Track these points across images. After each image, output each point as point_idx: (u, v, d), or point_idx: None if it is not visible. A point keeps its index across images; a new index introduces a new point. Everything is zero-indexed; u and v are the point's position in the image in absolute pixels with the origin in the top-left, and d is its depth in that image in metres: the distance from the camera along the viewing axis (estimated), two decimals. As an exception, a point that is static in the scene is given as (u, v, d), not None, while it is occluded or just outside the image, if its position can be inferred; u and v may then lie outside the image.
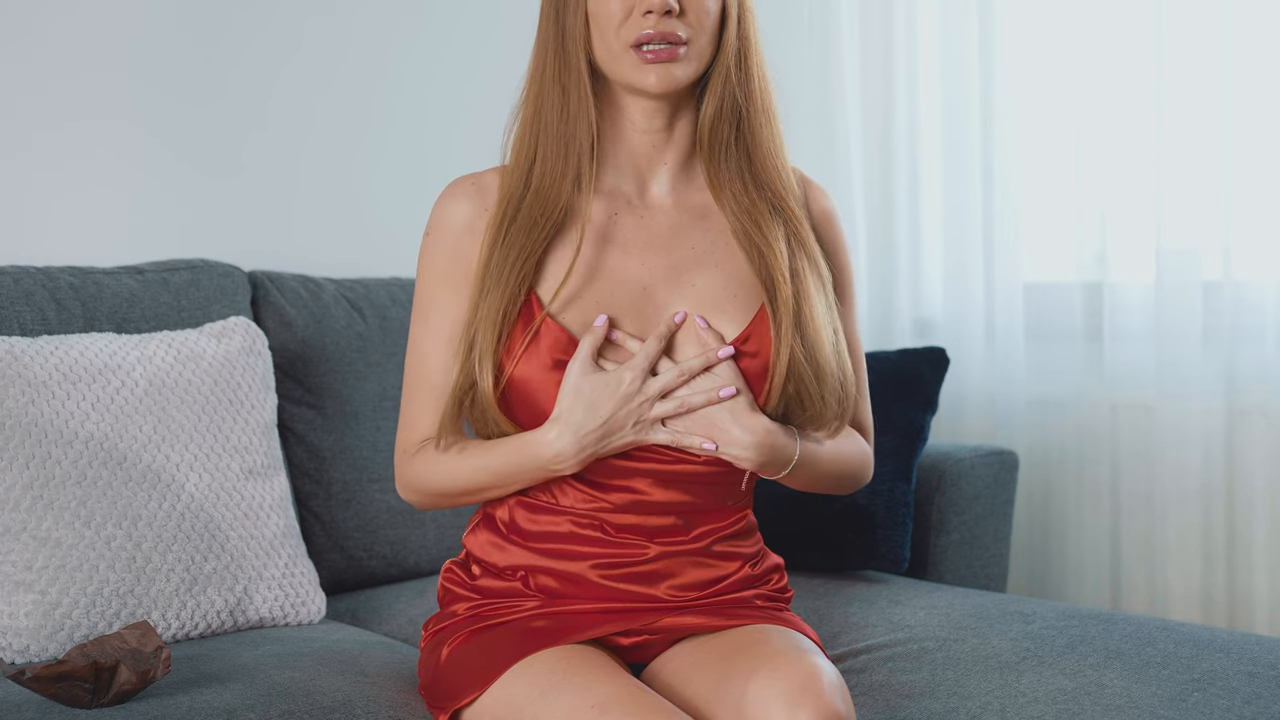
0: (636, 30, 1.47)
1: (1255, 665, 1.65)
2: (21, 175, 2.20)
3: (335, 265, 2.47)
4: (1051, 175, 2.76)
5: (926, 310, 2.96)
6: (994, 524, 2.35)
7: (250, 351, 1.98)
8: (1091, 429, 2.70)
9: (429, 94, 2.64)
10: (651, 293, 1.54)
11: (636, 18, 1.47)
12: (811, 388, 1.51)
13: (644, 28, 1.47)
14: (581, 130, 1.52)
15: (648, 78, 1.48)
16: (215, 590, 1.81)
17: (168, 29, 2.33)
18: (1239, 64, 2.45)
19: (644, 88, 1.49)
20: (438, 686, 1.53)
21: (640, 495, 1.53)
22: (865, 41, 2.99)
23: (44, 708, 1.49)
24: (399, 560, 2.24)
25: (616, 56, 1.49)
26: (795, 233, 1.56)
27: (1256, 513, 2.49)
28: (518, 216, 1.52)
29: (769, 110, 1.57)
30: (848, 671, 1.73)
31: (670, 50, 1.48)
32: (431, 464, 1.56)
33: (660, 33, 1.47)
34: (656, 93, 1.49)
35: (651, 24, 1.46)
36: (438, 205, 1.57)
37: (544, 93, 1.54)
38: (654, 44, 1.47)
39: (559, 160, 1.53)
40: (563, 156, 1.53)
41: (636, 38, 1.47)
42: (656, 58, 1.48)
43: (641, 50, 1.47)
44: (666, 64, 1.48)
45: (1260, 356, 2.48)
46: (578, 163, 1.52)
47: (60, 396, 1.76)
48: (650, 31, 1.46)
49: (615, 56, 1.49)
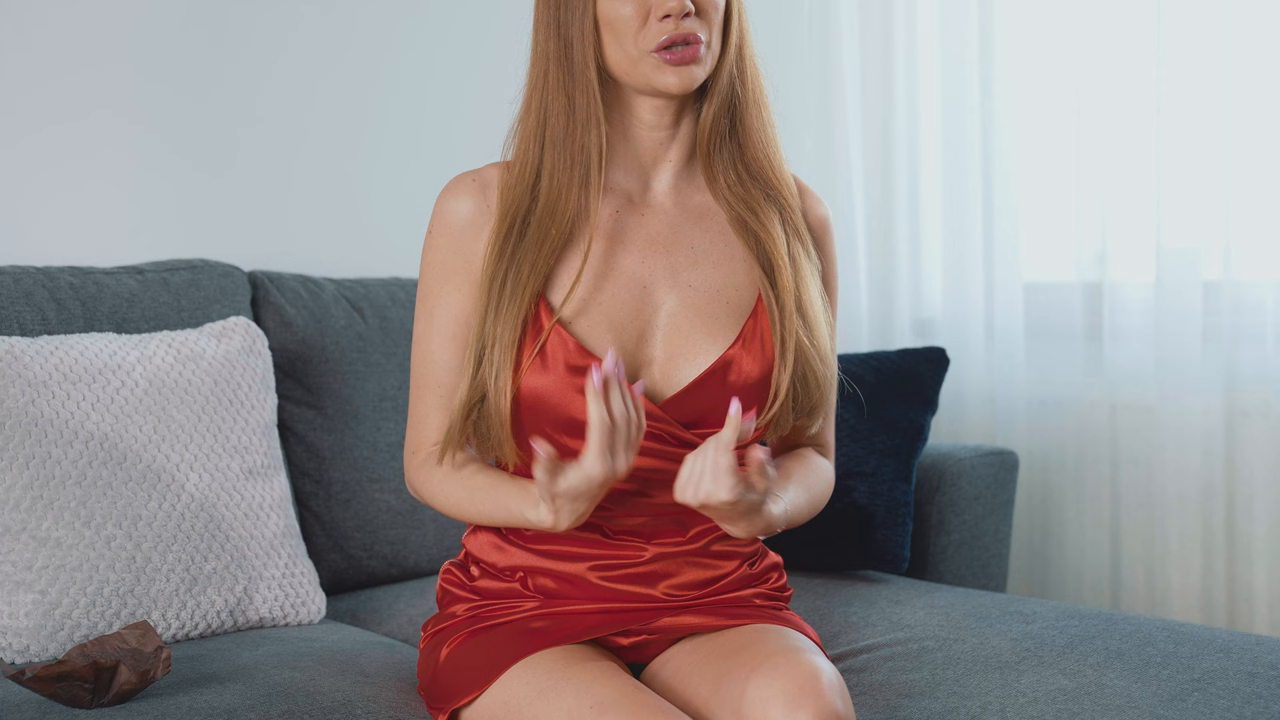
0: (657, 34, 1.47)
1: (1255, 665, 1.65)
2: (21, 174, 2.20)
3: (335, 265, 2.47)
4: (1051, 175, 2.76)
5: (926, 310, 2.97)
6: (994, 524, 2.35)
7: (250, 351, 1.98)
8: (1091, 429, 2.70)
9: (428, 93, 2.63)
10: (650, 291, 1.54)
11: (654, 22, 1.47)
12: (817, 368, 1.53)
13: (665, 31, 1.46)
14: (591, 138, 1.51)
15: (669, 79, 1.48)
16: (215, 590, 1.81)
17: (168, 28, 2.33)
18: (1239, 64, 2.45)
19: (665, 89, 1.49)
20: (437, 687, 1.53)
21: (640, 496, 1.53)
22: (865, 41, 2.99)
23: (44, 708, 1.49)
24: (399, 560, 2.24)
25: (636, 61, 1.49)
26: (790, 220, 1.57)
27: (1256, 513, 2.49)
28: (525, 231, 1.52)
29: (760, 100, 1.57)
30: (848, 671, 1.73)
31: (692, 50, 1.48)
32: (438, 491, 1.56)
33: (681, 34, 1.47)
34: (677, 93, 1.50)
35: (672, 27, 1.46)
36: (439, 202, 1.57)
37: (547, 103, 1.53)
38: (676, 45, 1.47)
39: (567, 170, 1.52)
40: (570, 167, 1.52)
41: (660, 41, 1.47)
42: (678, 59, 1.48)
43: (664, 52, 1.47)
44: (689, 65, 1.48)
45: (1260, 356, 2.47)
46: (585, 171, 1.52)
47: (60, 396, 1.76)
48: (672, 35, 1.46)
49: (634, 61, 1.49)
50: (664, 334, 1.53)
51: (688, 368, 1.52)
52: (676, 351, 1.52)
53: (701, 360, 1.52)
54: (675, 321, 1.53)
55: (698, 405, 1.51)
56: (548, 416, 1.49)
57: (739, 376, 1.51)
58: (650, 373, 1.52)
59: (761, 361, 1.52)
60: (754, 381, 1.52)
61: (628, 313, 1.52)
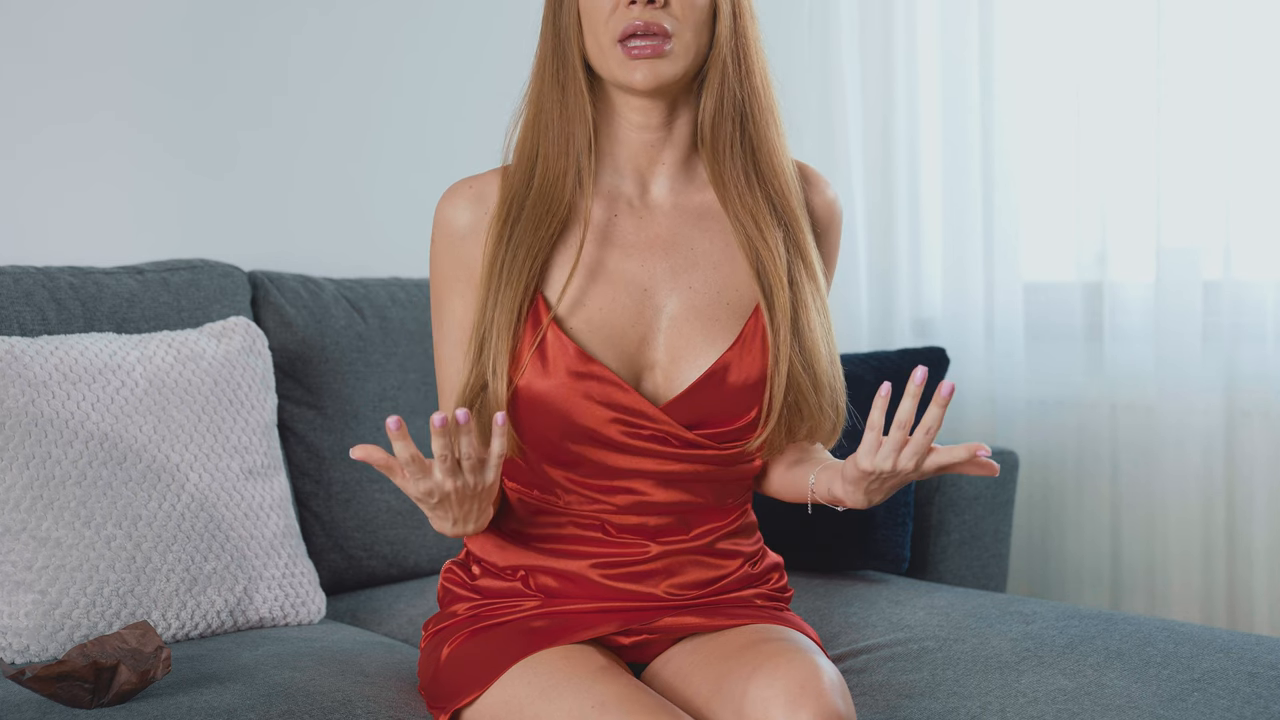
0: (622, 22, 1.46)
1: (1255, 665, 1.65)
2: (21, 175, 2.20)
3: (335, 265, 2.47)
4: (1051, 175, 2.76)
5: (926, 310, 2.96)
6: (994, 524, 2.35)
7: (250, 351, 1.98)
8: (1091, 429, 2.70)
9: (430, 93, 2.63)
10: (651, 294, 1.54)
11: (622, 10, 1.46)
12: (810, 397, 1.51)
13: (629, 19, 1.45)
14: (579, 129, 1.52)
15: (633, 74, 1.47)
16: (215, 590, 1.81)
17: (169, 28, 2.33)
18: (1239, 64, 2.45)
19: (630, 84, 1.48)
20: (438, 686, 1.53)
21: (641, 496, 1.53)
22: (865, 41, 2.99)
23: (44, 708, 1.49)
24: (399, 560, 2.24)
25: (604, 52, 1.48)
26: (794, 238, 1.56)
27: (1256, 513, 2.49)
28: (522, 215, 1.52)
29: (773, 110, 1.56)
30: (848, 671, 1.73)
31: (656, 46, 1.46)
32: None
33: (645, 24, 1.45)
34: (643, 89, 1.48)
35: (635, 14, 1.45)
36: (438, 211, 1.57)
37: (544, 92, 1.54)
38: (639, 38, 1.46)
39: (560, 158, 1.52)
40: (564, 155, 1.52)
41: (622, 30, 1.46)
42: (641, 54, 1.47)
43: (627, 46, 1.47)
44: (652, 60, 1.47)
45: (1260, 356, 2.47)
46: (578, 162, 1.52)
47: (60, 396, 1.76)
48: (637, 23, 1.45)
49: (604, 52, 1.48)
50: (665, 337, 1.53)
51: (688, 370, 1.52)
52: (678, 354, 1.52)
53: (701, 362, 1.52)
54: (676, 324, 1.53)
55: (699, 407, 1.52)
56: (550, 420, 1.49)
57: (738, 377, 1.51)
58: (653, 376, 1.53)
59: (760, 362, 1.52)
60: (753, 382, 1.52)
61: (629, 318, 1.52)
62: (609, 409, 1.49)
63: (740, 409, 1.52)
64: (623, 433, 1.49)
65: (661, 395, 1.52)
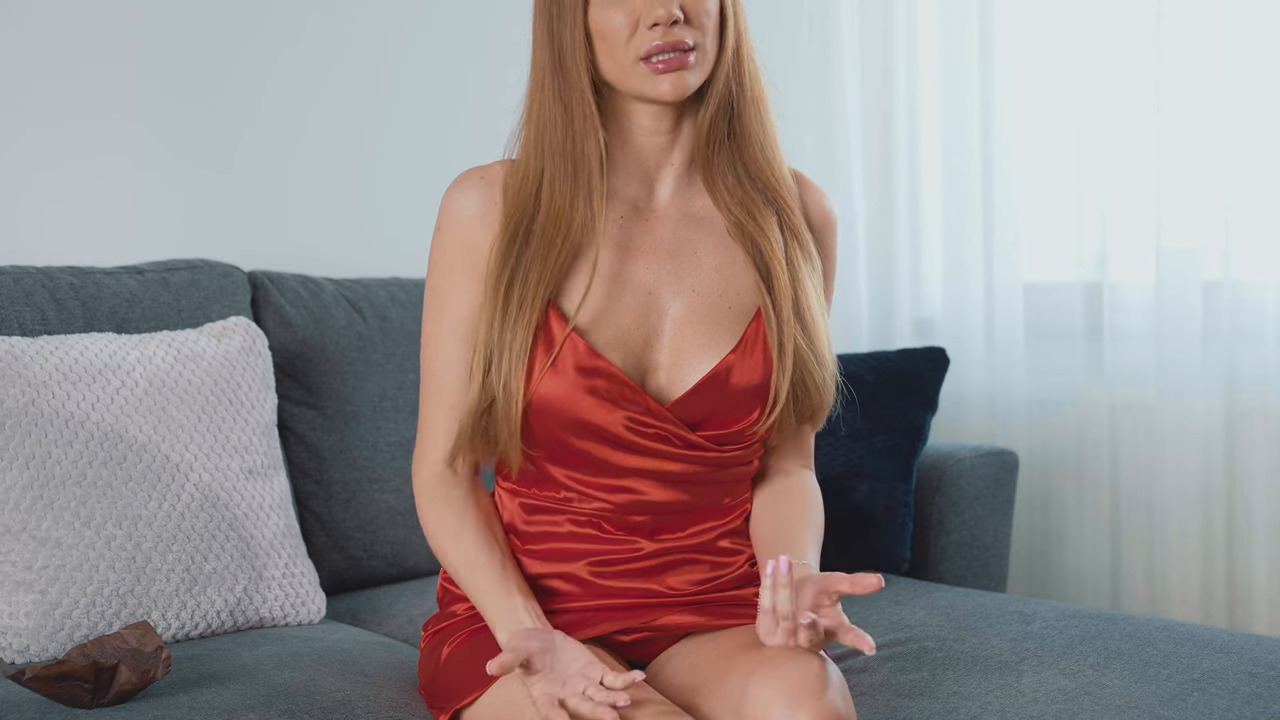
0: (646, 43, 1.46)
1: (1255, 665, 1.65)
2: (21, 175, 2.20)
3: (335, 265, 2.47)
4: (1051, 175, 2.76)
5: (926, 310, 2.97)
6: (994, 524, 2.35)
7: (250, 351, 1.98)
8: (1091, 429, 2.70)
9: (429, 93, 2.63)
10: (656, 297, 1.54)
11: (644, 30, 1.46)
12: (815, 373, 1.53)
13: (653, 40, 1.46)
14: (589, 146, 1.51)
15: (660, 86, 1.48)
16: (215, 590, 1.81)
17: (169, 27, 2.33)
18: (1239, 64, 2.45)
19: (658, 97, 1.48)
20: (438, 687, 1.53)
21: (640, 495, 1.53)
22: (865, 41, 2.99)
23: (44, 708, 1.49)
24: (399, 560, 2.24)
25: (627, 70, 1.48)
26: (789, 222, 1.56)
27: (1256, 513, 2.49)
28: (530, 239, 1.51)
29: (759, 99, 1.57)
30: (848, 671, 1.73)
31: (681, 58, 1.47)
32: (437, 532, 1.55)
33: (669, 42, 1.46)
34: (670, 100, 1.49)
35: (660, 35, 1.46)
36: (447, 198, 1.57)
37: (545, 112, 1.52)
38: (664, 54, 1.47)
39: (568, 179, 1.51)
40: (571, 175, 1.51)
41: (647, 50, 1.46)
42: (668, 66, 1.47)
43: (652, 61, 1.47)
44: (679, 71, 1.47)
45: (1260, 356, 2.47)
46: (588, 180, 1.51)
47: (60, 396, 1.76)
48: (659, 43, 1.46)
49: (625, 70, 1.48)
50: (669, 339, 1.53)
51: (691, 372, 1.52)
52: (681, 356, 1.53)
53: (704, 365, 1.52)
54: (680, 327, 1.53)
55: (701, 409, 1.52)
56: (557, 419, 1.49)
57: (741, 380, 1.52)
58: (656, 377, 1.53)
59: (762, 366, 1.52)
60: (755, 385, 1.52)
61: (635, 319, 1.52)
62: (617, 406, 1.49)
63: (742, 410, 1.53)
64: (630, 430, 1.50)
65: (665, 396, 1.53)
